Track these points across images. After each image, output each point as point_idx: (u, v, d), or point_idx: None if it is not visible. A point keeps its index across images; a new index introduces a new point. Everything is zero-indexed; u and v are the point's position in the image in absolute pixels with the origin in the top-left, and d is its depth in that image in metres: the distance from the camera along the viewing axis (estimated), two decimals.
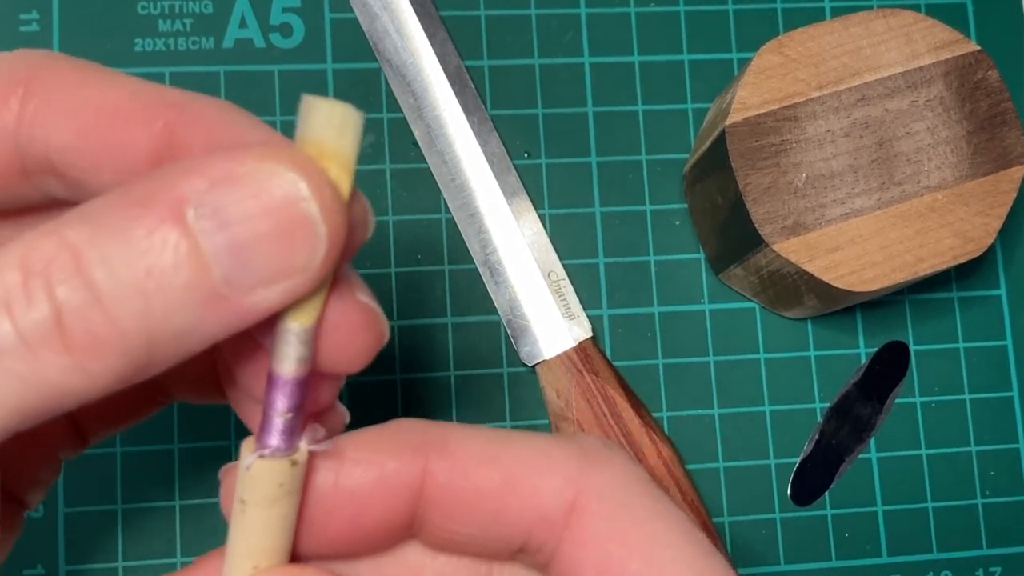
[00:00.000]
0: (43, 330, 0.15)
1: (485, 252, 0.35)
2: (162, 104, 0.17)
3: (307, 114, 0.16)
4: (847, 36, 0.32)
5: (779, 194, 0.31)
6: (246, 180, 0.15)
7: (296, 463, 0.17)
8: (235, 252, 0.15)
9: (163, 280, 0.15)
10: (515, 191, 0.35)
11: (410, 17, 0.36)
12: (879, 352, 0.37)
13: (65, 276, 0.15)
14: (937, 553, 0.36)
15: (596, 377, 0.34)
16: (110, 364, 0.15)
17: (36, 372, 0.15)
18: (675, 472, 0.34)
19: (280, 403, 0.17)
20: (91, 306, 0.15)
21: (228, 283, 0.15)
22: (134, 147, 0.17)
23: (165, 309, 0.15)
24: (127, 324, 0.15)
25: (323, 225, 0.15)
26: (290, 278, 0.15)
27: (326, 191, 0.15)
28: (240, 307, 0.15)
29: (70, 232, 0.15)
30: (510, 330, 0.35)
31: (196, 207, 0.15)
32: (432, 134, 0.35)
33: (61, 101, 0.18)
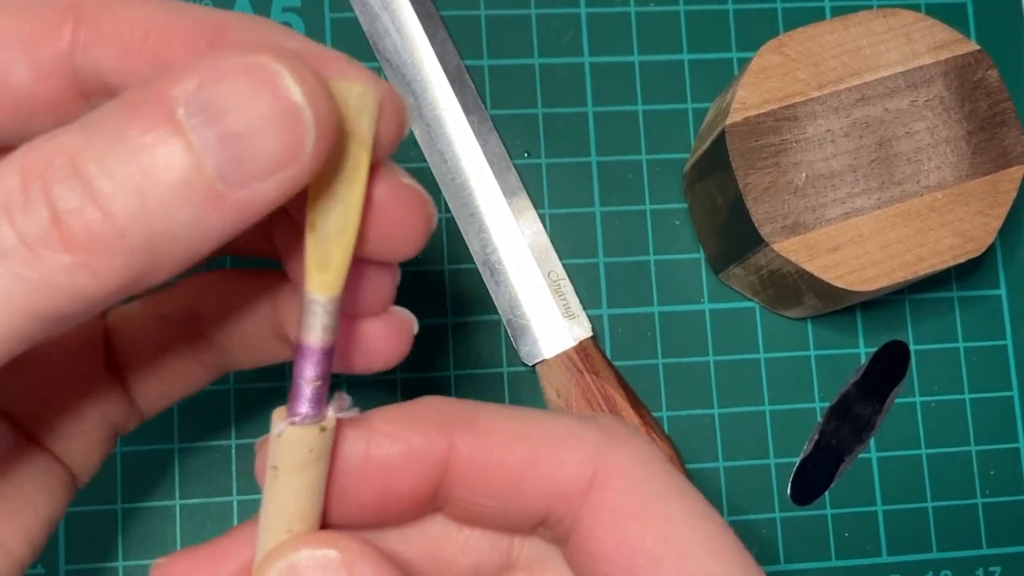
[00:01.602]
0: (42, 230, 0.15)
1: (485, 252, 0.35)
2: (203, 24, 0.18)
3: None
4: (847, 36, 0.32)
5: (779, 194, 0.31)
6: (231, 75, 0.15)
7: (325, 429, 0.17)
8: (225, 145, 0.15)
9: (157, 177, 0.15)
10: (515, 191, 0.35)
11: (410, 17, 0.36)
12: (879, 352, 0.37)
13: (61, 177, 0.15)
14: (937, 553, 0.36)
15: (596, 377, 0.34)
16: (112, 263, 0.15)
17: (40, 273, 0.15)
18: None
19: (308, 372, 0.17)
20: (88, 205, 0.15)
21: (222, 178, 0.15)
22: (175, 63, 0.18)
23: (162, 207, 0.15)
24: (124, 221, 0.15)
25: (308, 110, 0.16)
26: (283, 169, 0.16)
27: (309, 79, 0.16)
28: (237, 202, 0.16)
29: (67, 138, 0.15)
30: (510, 330, 0.35)
31: (186, 105, 0.15)
32: (432, 134, 0.35)
33: (108, 25, 0.18)
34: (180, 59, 0.18)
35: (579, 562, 0.19)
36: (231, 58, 0.16)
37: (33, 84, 0.19)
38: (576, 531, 0.19)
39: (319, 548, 0.17)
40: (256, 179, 0.16)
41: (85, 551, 0.33)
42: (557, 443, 0.19)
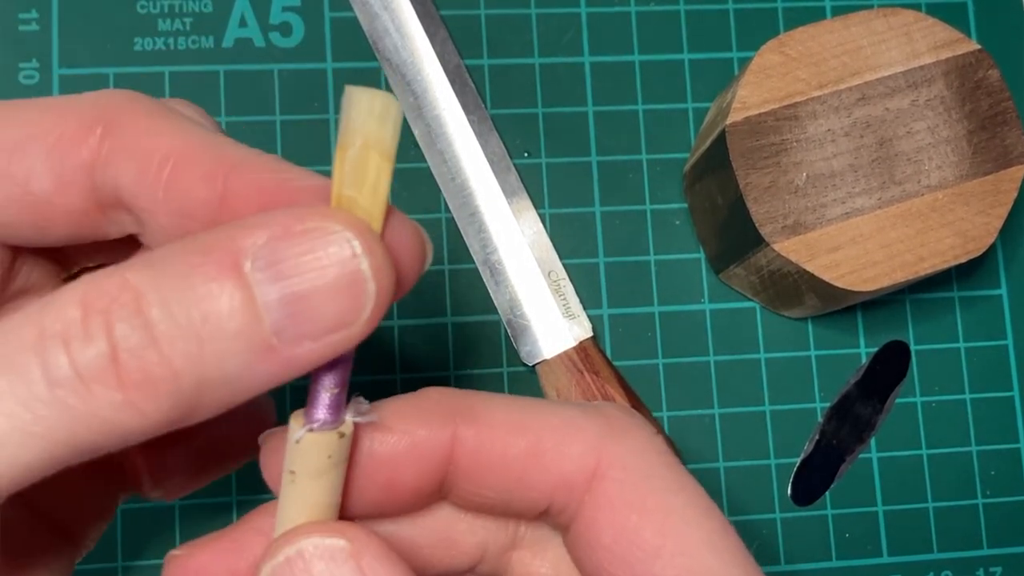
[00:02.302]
0: (99, 366, 0.15)
1: (485, 252, 0.35)
2: (221, 161, 0.18)
3: (349, 105, 0.17)
4: (847, 35, 0.32)
5: (779, 193, 0.31)
6: (302, 237, 0.16)
7: (343, 436, 0.18)
8: (287, 305, 0.16)
9: (217, 326, 0.16)
10: (515, 191, 0.35)
11: (410, 16, 0.36)
12: (879, 352, 0.37)
13: (125, 315, 0.15)
14: (937, 553, 0.36)
15: (596, 377, 0.34)
16: (160, 404, 0.16)
17: (88, 406, 0.15)
18: None
19: (328, 380, 0.17)
20: (148, 346, 0.15)
21: (278, 334, 0.16)
22: (190, 196, 0.18)
23: (217, 354, 0.16)
24: (180, 365, 0.15)
25: (372, 282, 0.16)
26: (337, 332, 0.16)
27: (376, 249, 0.16)
28: (287, 358, 0.16)
29: (132, 274, 0.16)
30: (510, 330, 0.35)
31: (253, 259, 0.16)
32: (432, 133, 0.35)
33: (130, 145, 0.19)
34: (192, 191, 0.18)
35: (579, 551, 0.19)
36: (305, 218, 0.16)
37: (54, 193, 0.19)
38: (578, 519, 0.19)
39: (328, 536, 0.17)
40: (309, 339, 0.16)
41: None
42: (559, 434, 0.19)
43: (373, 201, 0.17)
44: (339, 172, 0.17)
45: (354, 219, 0.16)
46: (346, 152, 0.17)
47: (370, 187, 0.17)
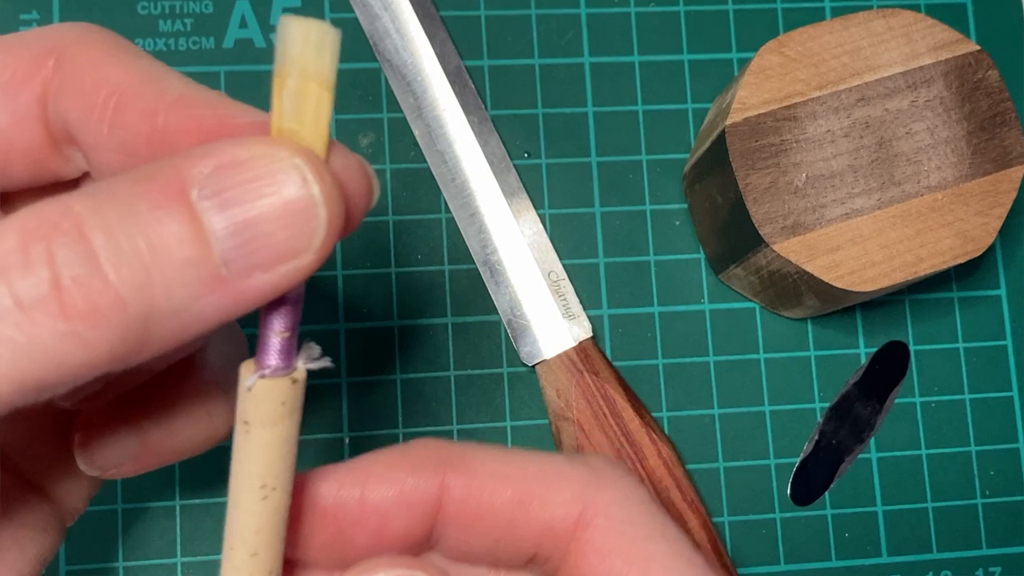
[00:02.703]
0: (40, 294, 0.15)
1: (485, 252, 0.35)
2: (163, 96, 0.18)
3: (285, 35, 0.16)
4: (847, 36, 0.32)
5: (779, 194, 0.31)
6: (250, 164, 0.16)
7: (296, 381, 0.17)
8: (236, 232, 0.15)
9: (164, 254, 0.15)
10: (515, 191, 0.35)
11: (410, 17, 0.36)
12: (879, 352, 0.37)
13: (67, 242, 0.15)
14: (937, 553, 0.36)
15: (596, 377, 0.34)
16: (107, 334, 0.15)
17: (32, 338, 0.15)
18: (675, 472, 0.34)
19: (277, 323, 0.17)
20: (91, 273, 0.15)
21: (227, 264, 0.15)
22: (132, 131, 0.18)
23: (165, 283, 0.15)
24: (126, 294, 0.15)
25: (323, 208, 0.16)
26: (289, 261, 0.16)
27: (326, 176, 0.16)
28: (237, 289, 0.16)
29: (75, 202, 0.15)
30: (510, 330, 0.35)
31: (200, 187, 0.15)
32: (432, 134, 0.35)
33: (79, 78, 0.18)
34: (134, 126, 0.18)
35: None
36: (251, 146, 0.16)
37: (10, 130, 0.18)
38: (563, 568, 0.19)
39: None
40: (260, 269, 0.16)
41: (85, 551, 0.33)
42: (546, 484, 0.19)
43: (315, 133, 0.16)
44: (278, 105, 0.16)
45: (300, 147, 0.16)
46: (284, 84, 0.16)
47: (311, 119, 0.16)
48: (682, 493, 0.33)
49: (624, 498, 0.19)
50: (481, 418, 0.35)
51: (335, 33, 0.16)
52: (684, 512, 0.33)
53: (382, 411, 0.35)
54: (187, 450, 0.23)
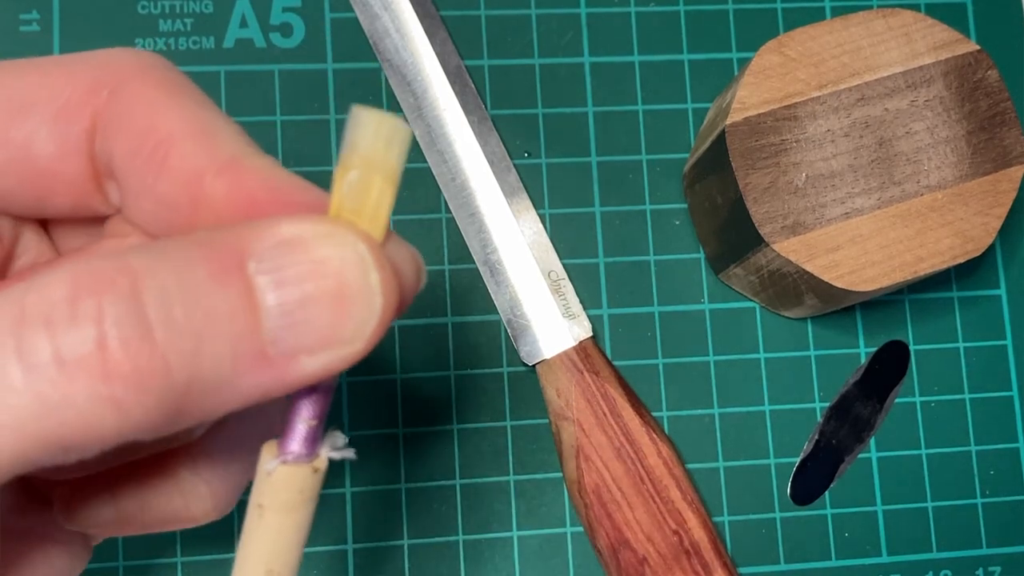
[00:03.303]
0: (83, 352, 0.14)
1: (485, 251, 0.35)
2: (217, 155, 0.17)
3: (356, 125, 0.16)
4: (847, 36, 0.32)
5: (779, 194, 0.31)
6: (311, 244, 0.15)
7: (317, 471, 0.17)
8: (289, 312, 0.15)
9: (217, 326, 0.15)
10: (515, 191, 0.35)
11: (410, 17, 0.36)
12: (879, 352, 0.37)
13: (119, 300, 0.14)
14: (937, 553, 0.36)
15: (596, 376, 0.34)
16: (145, 401, 0.14)
17: (66, 397, 0.14)
18: (675, 472, 0.34)
19: (306, 410, 0.17)
20: (141, 337, 0.14)
21: (275, 343, 0.15)
22: (177, 186, 0.17)
23: (212, 355, 0.15)
24: (173, 361, 0.14)
25: (379, 296, 0.15)
26: (336, 348, 0.15)
27: (385, 263, 0.16)
28: (281, 370, 0.15)
29: (132, 259, 0.15)
30: (510, 329, 0.35)
31: (259, 261, 0.15)
32: (432, 134, 0.35)
33: (131, 117, 0.17)
34: (179, 180, 0.17)
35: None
36: (316, 225, 0.15)
37: (56, 159, 0.18)
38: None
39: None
40: (306, 352, 0.15)
41: None
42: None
43: (372, 226, 0.16)
44: (339, 192, 0.16)
45: (363, 232, 0.16)
46: (347, 173, 0.16)
47: (371, 211, 0.16)
48: (682, 493, 0.33)
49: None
50: (481, 418, 0.35)
51: (407, 131, 0.16)
52: (684, 512, 0.33)
53: (382, 411, 0.35)
54: (166, 526, 0.22)
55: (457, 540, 0.34)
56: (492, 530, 0.34)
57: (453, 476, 0.34)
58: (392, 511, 0.34)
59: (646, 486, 0.33)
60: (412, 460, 0.34)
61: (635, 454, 0.33)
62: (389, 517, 0.34)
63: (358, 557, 0.34)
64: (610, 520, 0.33)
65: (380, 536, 0.34)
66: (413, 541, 0.34)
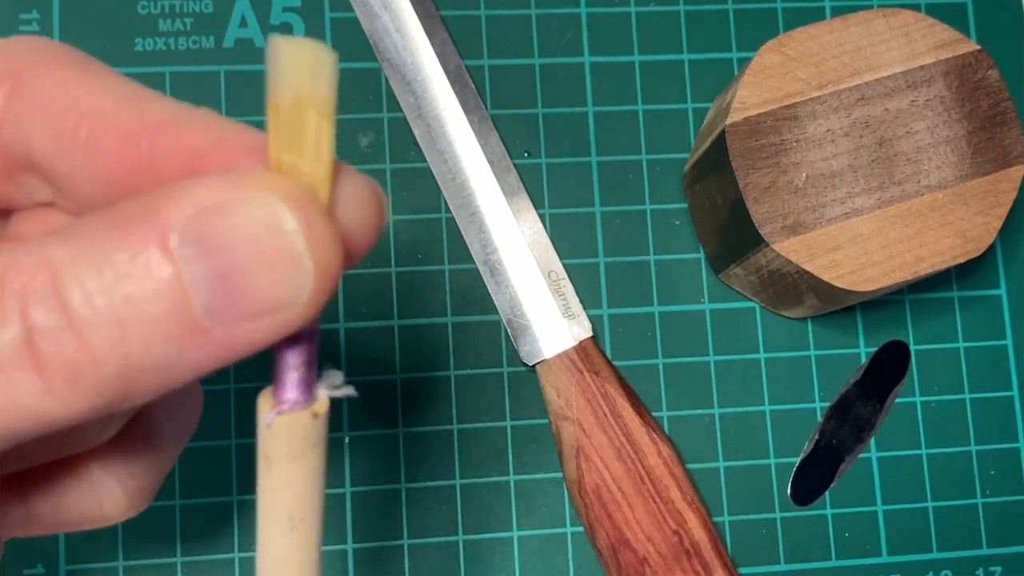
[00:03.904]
0: (13, 349, 0.14)
1: (485, 251, 0.35)
2: (145, 119, 0.17)
3: (275, 57, 0.15)
4: (847, 35, 0.32)
5: (779, 193, 0.31)
6: (234, 208, 0.15)
7: (317, 415, 0.16)
8: (217, 282, 0.14)
9: (141, 308, 0.14)
10: (515, 191, 0.35)
11: (410, 17, 0.36)
12: (879, 352, 0.37)
13: (41, 296, 0.14)
14: (937, 553, 0.36)
15: (596, 376, 0.34)
16: (83, 390, 0.14)
17: (7, 392, 0.14)
18: (675, 471, 0.34)
19: (291, 358, 0.16)
20: (65, 330, 0.14)
21: (210, 315, 0.15)
22: (111, 159, 0.17)
23: (142, 339, 0.14)
24: (101, 352, 0.14)
25: (309, 260, 0.15)
26: (275, 314, 0.15)
27: (316, 223, 0.15)
28: (222, 340, 0.15)
29: (52, 250, 0.14)
30: (510, 329, 0.35)
31: (181, 233, 0.14)
32: (432, 133, 0.35)
33: (45, 101, 0.17)
34: (113, 154, 0.16)
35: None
36: (234, 187, 0.15)
37: None
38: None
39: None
40: (245, 319, 0.15)
41: (85, 551, 0.33)
42: None
43: (316, 164, 0.15)
44: (275, 135, 0.15)
45: (292, 186, 0.15)
46: (279, 112, 0.15)
47: (311, 149, 0.15)
48: (682, 492, 0.33)
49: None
50: (481, 418, 0.35)
51: (331, 55, 0.15)
52: (684, 512, 0.33)
53: (382, 411, 0.35)
54: (79, 526, 0.21)
55: (457, 540, 0.34)
56: (492, 530, 0.34)
57: (453, 476, 0.34)
58: (392, 511, 0.34)
59: (646, 486, 0.33)
60: (412, 460, 0.34)
61: (635, 454, 0.33)
62: (389, 517, 0.34)
63: (358, 557, 0.34)
64: (610, 520, 0.33)
65: (380, 536, 0.34)
66: (413, 541, 0.34)
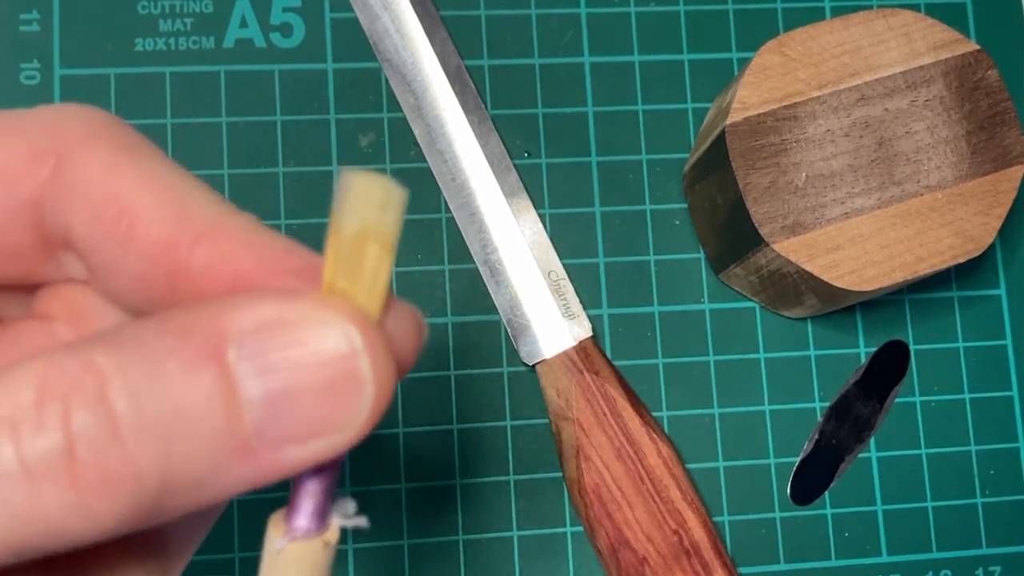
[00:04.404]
0: (51, 460, 0.13)
1: (485, 251, 0.35)
2: (189, 223, 0.16)
3: (347, 188, 0.15)
4: (847, 36, 0.32)
5: (779, 194, 0.31)
6: (297, 326, 0.14)
7: (328, 544, 0.16)
8: (273, 402, 0.14)
9: (191, 422, 0.14)
10: (515, 191, 0.35)
11: (410, 17, 0.36)
12: (879, 351, 0.37)
13: (87, 402, 0.13)
14: (937, 553, 0.36)
15: (596, 376, 0.34)
16: (117, 507, 0.13)
17: (34, 506, 0.13)
18: (675, 471, 0.34)
19: (312, 486, 0.16)
20: (109, 442, 0.13)
21: (259, 435, 0.14)
22: (149, 260, 0.16)
23: (187, 454, 0.14)
24: (143, 466, 0.13)
25: (372, 384, 0.14)
26: (327, 437, 0.14)
27: (379, 348, 0.14)
28: (266, 462, 0.14)
29: (98, 355, 0.14)
30: (510, 329, 0.35)
31: (239, 347, 0.14)
32: (432, 134, 0.35)
33: (87, 186, 0.16)
34: (153, 253, 0.16)
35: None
36: (301, 305, 0.14)
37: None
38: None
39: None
40: (293, 442, 0.14)
41: None
42: None
43: (371, 296, 0.15)
44: (332, 262, 0.15)
45: (355, 311, 0.14)
46: (340, 239, 0.15)
47: (368, 280, 0.15)
48: (682, 492, 0.33)
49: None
50: (481, 418, 0.35)
51: (401, 192, 0.15)
52: (684, 511, 0.33)
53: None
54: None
55: (457, 540, 0.34)
56: (492, 530, 0.34)
57: (453, 476, 0.34)
58: (392, 511, 0.34)
59: (646, 486, 0.33)
60: (412, 460, 0.34)
61: (635, 454, 0.33)
62: (389, 517, 0.34)
63: (358, 557, 0.34)
64: (610, 520, 0.33)
65: (380, 536, 0.34)
66: (413, 541, 0.34)
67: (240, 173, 0.35)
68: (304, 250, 0.16)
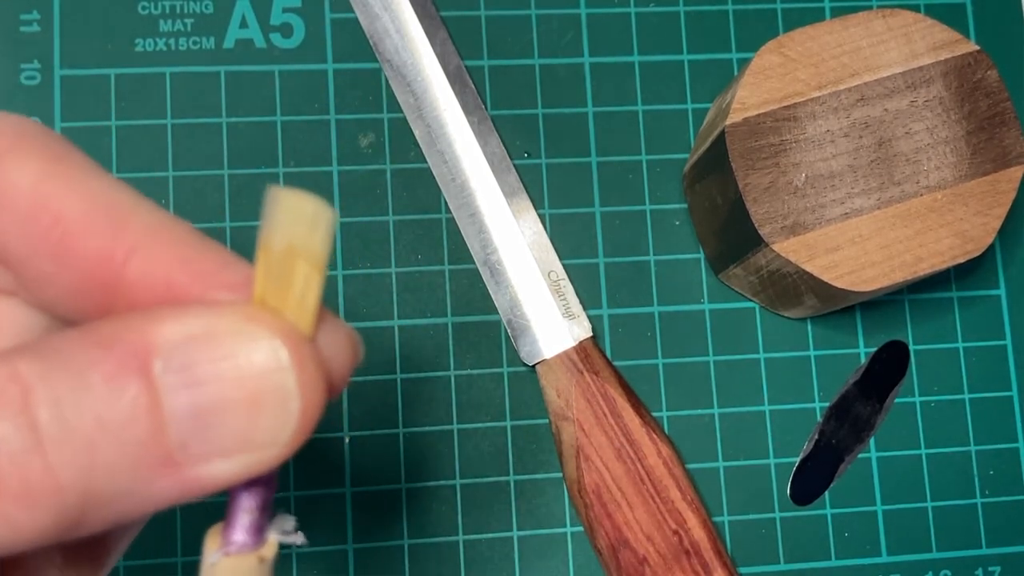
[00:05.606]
0: None
1: (485, 252, 0.35)
2: (123, 233, 0.15)
3: (274, 208, 0.15)
4: (847, 36, 0.32)
5: (779, 194, 0.31)
6: (224, 339, 0.14)
7: (264, 560, 0.16)
8: (198, 416, 0.14)
9: (114, 434, 0.13)
10: (515, 191, 0.35)
11: (410, 17, 0.36)
12: (879, 352, 0.37)
13: (9, 413, 0.13)
14: (937, 553, 0.36)
15: (596, 377, 0.34)
16: (39, 519, 0.13)
17: None
18: (675, 471, 0.34)
19: (247, 500, 0.16)
20: (30, 452, 0.13)
21: (184, 448, 0.14)
22: (82, 272, 0.16)
23: (110, 466, 0.13)
24: (65, 477, 0.13)
25: (298, 400, 0.14)
26: (252, 452, 0.14)
27: (307, 364, 0.14)
28: (190, 476, 0.14)
29: (23, 364, 0.14)
30: (510, 330, 0.35)
31: (165, 359, 0.14)
32: (432, 134, 0.36)
33: (14, 196, 0.15)
34: (86, 265, 0.15)
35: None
36: (230, 316, 0.14)
37: None
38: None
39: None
40: (219, 456, 0.14)
41: None
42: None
43: (300, 313, 0.15)
44: (262, 275, 0.15)
45: (283, 325, 0.14)
46: (270, 257, 0.15)
47: (296, 299, 0.15)
48: (682, 493, 0.33)
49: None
50: (481, 418, 0.35)
51: (330, 213, 0.15)
52: (684, 511, 0.33)
53: (382, 410, 0.35)
54: None
55: (457, 540, 0.34)
56: (492, 530, 0.34)
57: (453, 476, 0.35)
58: (392, 511, 0.34)
59: (646, 486, 0.33)
60: (412, 460, 0.34)
61: (635, 454, 0.33)
62: (389, 517, 0.34)
63: (358, 557, 0.34)
64: (610, 520, 0.33)
65: (380, 536, 0.34)
66: (413, 541, 0.34)
67: (240, 173, 0.35)
68: (241, 263, 0.16)
